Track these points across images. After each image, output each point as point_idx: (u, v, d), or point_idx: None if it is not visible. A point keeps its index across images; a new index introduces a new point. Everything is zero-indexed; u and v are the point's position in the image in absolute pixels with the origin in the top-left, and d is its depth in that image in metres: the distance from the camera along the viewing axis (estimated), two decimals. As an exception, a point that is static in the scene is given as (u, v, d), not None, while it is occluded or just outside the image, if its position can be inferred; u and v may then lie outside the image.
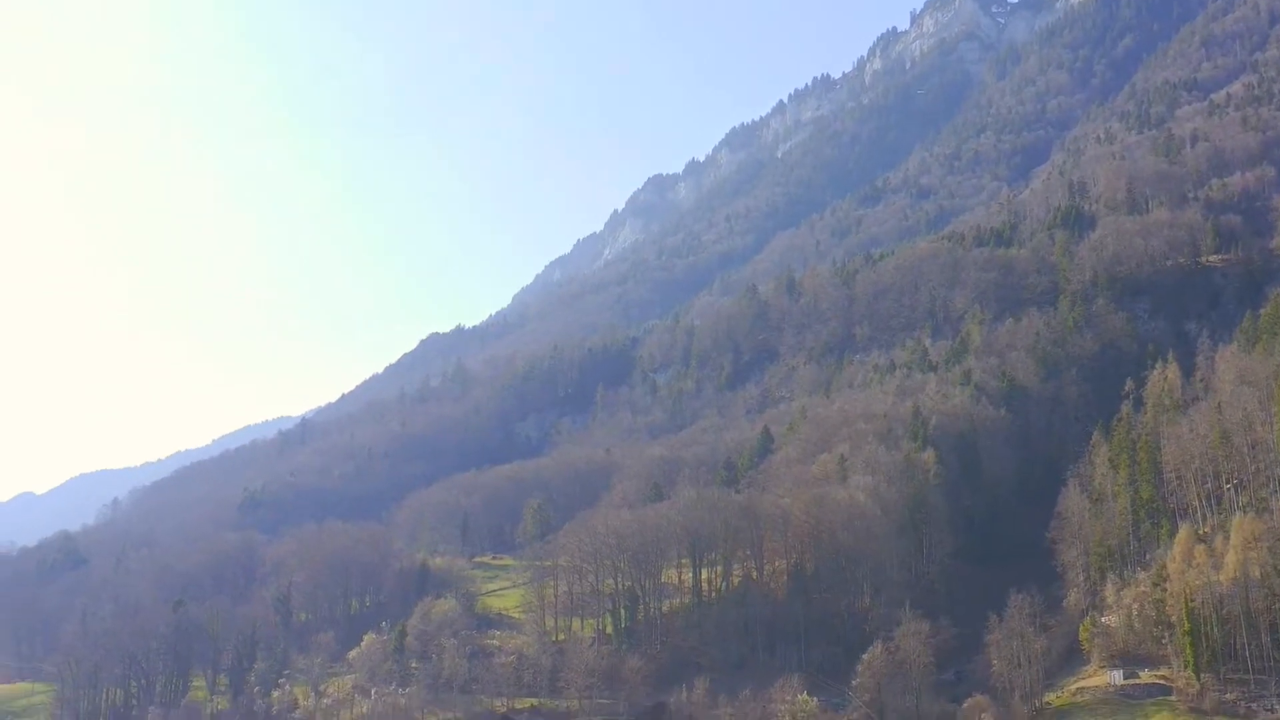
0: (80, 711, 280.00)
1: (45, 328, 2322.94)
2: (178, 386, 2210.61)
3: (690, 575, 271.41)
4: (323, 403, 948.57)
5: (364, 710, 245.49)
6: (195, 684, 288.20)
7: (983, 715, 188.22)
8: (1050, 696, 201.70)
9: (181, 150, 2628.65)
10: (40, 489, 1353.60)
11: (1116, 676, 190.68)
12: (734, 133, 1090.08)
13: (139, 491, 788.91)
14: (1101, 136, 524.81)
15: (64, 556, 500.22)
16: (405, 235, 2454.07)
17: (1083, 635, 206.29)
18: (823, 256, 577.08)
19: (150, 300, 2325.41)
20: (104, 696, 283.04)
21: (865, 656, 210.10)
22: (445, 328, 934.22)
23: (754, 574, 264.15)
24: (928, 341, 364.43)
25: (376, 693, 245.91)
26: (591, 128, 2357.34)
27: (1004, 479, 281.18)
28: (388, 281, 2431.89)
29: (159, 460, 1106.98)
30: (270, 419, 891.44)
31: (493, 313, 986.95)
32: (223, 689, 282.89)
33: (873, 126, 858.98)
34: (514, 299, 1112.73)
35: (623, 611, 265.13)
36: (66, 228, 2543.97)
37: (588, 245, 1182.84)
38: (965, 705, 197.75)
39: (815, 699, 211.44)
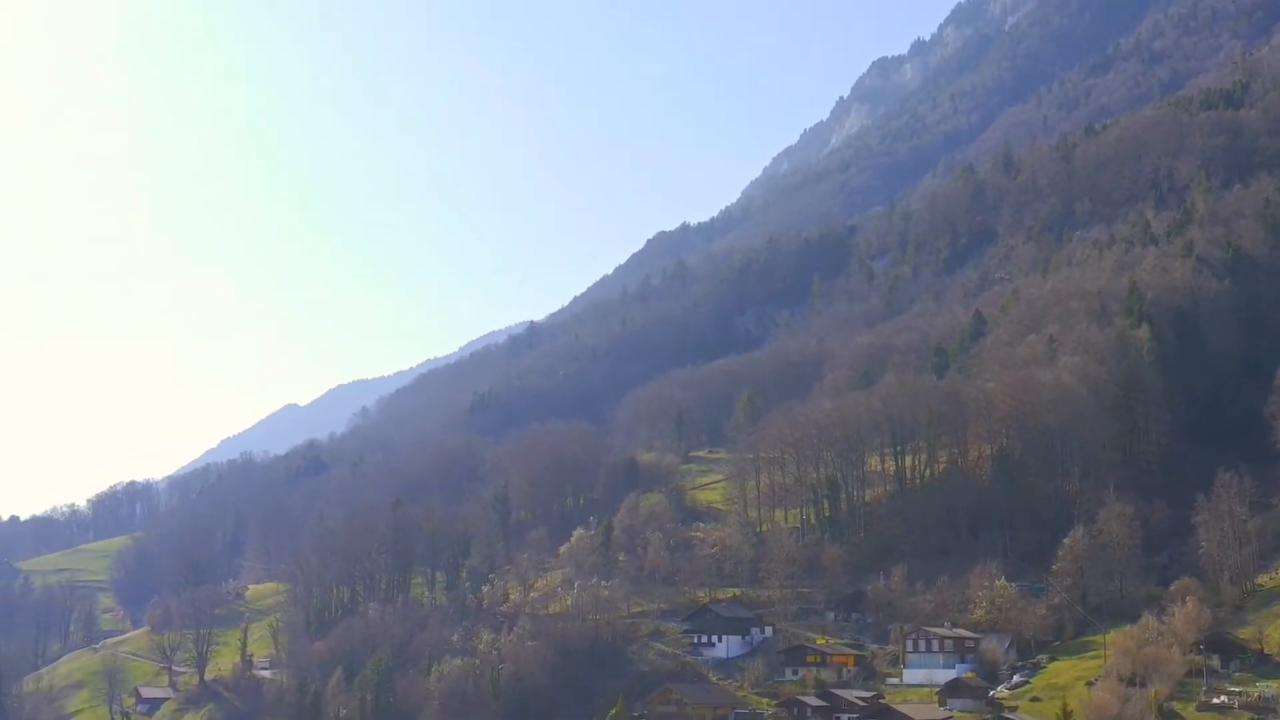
0: (310, 609, 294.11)
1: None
2: (428, 298, 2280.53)
3: (893, 463, 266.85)
4: (556, 307, 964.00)
5: (569, 602, 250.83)
6: (415, 581, 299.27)
7: (1188, 598, 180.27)
8: (1263, 579, 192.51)
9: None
10: (303, 401, 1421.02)
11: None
12: (960, 8, 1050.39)
13: (384, 400, 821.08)
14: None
15: (307, 464, 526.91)
16: (635, 133, 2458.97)
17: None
18: (1050, 131, 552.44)
19: (393, 215, 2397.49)
20: (333, 594, 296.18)
21: (1066, 540, 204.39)
22: (672, 226, 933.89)
23: (958, 460, 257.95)
24: (1150, 214, 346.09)
25: (580, 585, 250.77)
26: (816, 6, 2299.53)
27: (1228, 354, 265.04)
28: (619, 180, 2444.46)
29: (410, 369, 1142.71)
30: (513, 324, 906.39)
31: (723, 208, 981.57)
32: (440, 585, 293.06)
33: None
34: (742, 194, 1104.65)
35: (825, 501, 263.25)
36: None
37: (814, 134, 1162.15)
38: (1171, 588, 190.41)
39: (1014, 585, 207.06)
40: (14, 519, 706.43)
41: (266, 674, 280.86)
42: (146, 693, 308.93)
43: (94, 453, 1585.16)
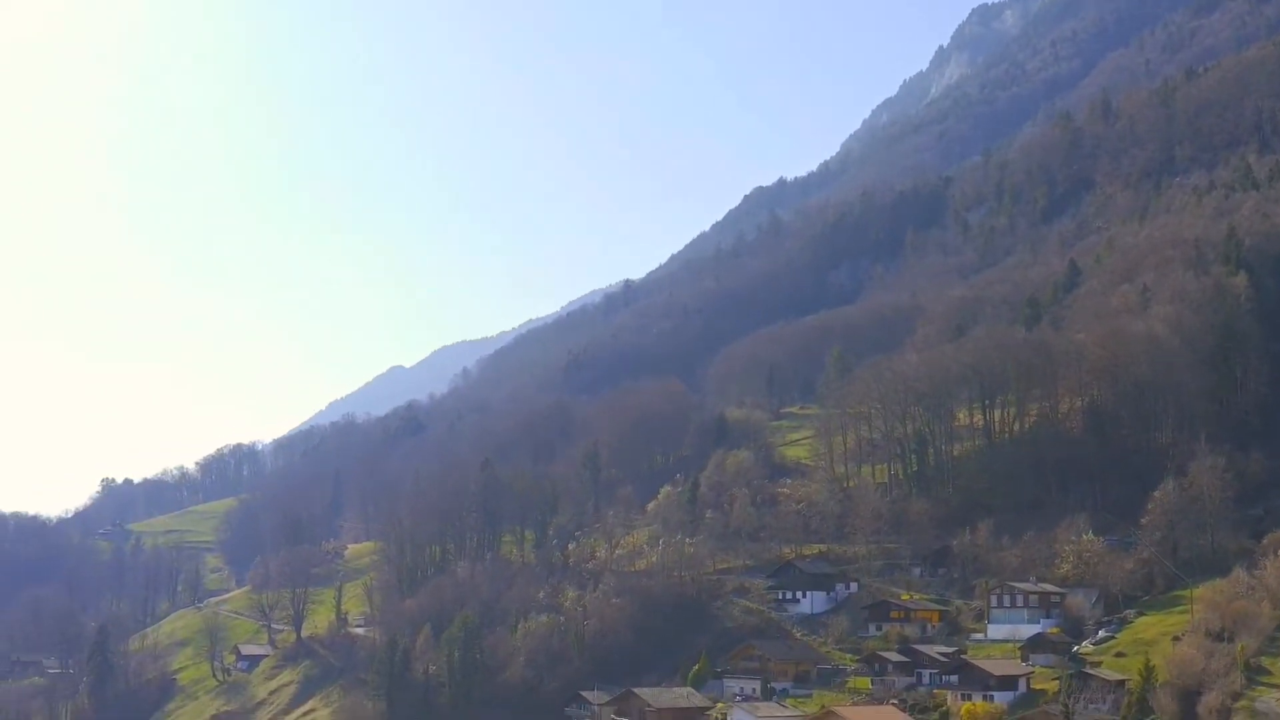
0: (402, 568, 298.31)
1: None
2: (531, 258, 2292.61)
3: (981, 417, 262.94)
4: (654, 265, 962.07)
5: (654, 559, 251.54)
6: (505, 540, 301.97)
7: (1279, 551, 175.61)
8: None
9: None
10: (408, 362, 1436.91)
11: None
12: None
13: (484, 360, 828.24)
14: None
15: (405, 424, 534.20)
16: (736, 88, 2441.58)
17: None
18: (1152, 75, 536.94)
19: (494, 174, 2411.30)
20: (425, 554, 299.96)
21: (1156, 493, 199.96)
22: (769, 181, 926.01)
23: (1048, 413, 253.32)
24: (1251, 158, 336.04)
25: (664, 541, 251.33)
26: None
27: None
28: (720, 137, 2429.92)
29: (512, 329, 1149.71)
30: (613, 283, 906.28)
31: (821, 162, 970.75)
32: (529, 544, 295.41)
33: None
34: (841, 147, 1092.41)
35: (912, 456, 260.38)
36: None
37: (914, 84, 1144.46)
38: (1264, 541, 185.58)
39: (1102, 538, 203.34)
40: (128, 482, 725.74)
41: (360, 631, 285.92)
42: (246, 650, 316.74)
43: (208, 417, 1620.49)
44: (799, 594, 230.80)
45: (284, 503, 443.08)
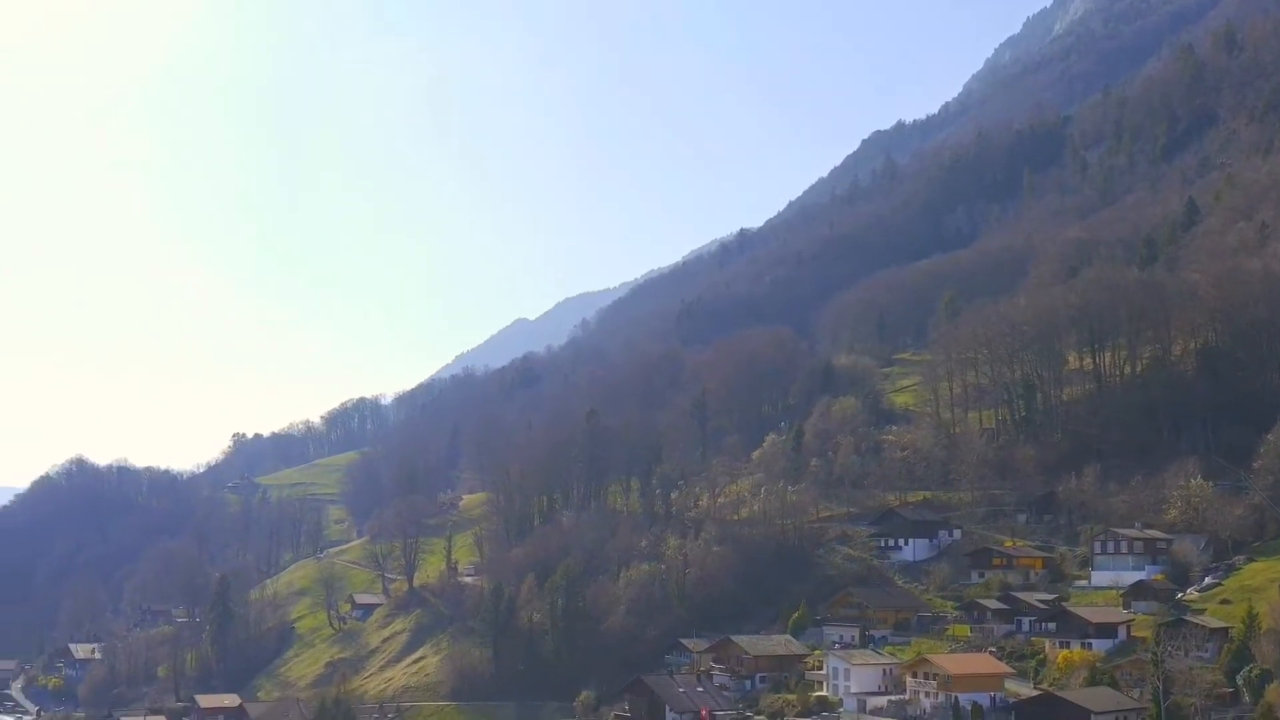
0: (511, 517, 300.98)
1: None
2: (652, 209, 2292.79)
3: (1092, 361, 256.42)
4: (772, 213, 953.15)
5: (756, 507, 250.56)
6: (612, 489, 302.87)
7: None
8: None
9: None
10: (533, 314, 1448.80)
11: None
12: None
13: (603, 311, 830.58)
14: None
15: (521, 376, 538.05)
16: (856, 30, 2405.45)
17: None
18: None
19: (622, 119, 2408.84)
20: (533, 503, 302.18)
21: (1269, 437, 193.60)
22: (887, 125, 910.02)
23: (1160, 356, 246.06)
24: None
25: (766, 490, 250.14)
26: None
27: None
28: (837, 80, 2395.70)
29: (633, 280, 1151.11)
30: (731, 233, 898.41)
31: (942, 104, 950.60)
32: (635, 493, 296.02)
33: None
34: (963, 87, 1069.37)
35: (1019, 401, 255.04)
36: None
37: (1038, 21, 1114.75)
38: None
39: (1212, 483, 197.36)
40: (257, 436, 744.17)
41: (469, 580, 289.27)
42: (361, 599, 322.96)
43: (341, 371, 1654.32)
44: (901, 541, 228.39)
45: (403, 455, 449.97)
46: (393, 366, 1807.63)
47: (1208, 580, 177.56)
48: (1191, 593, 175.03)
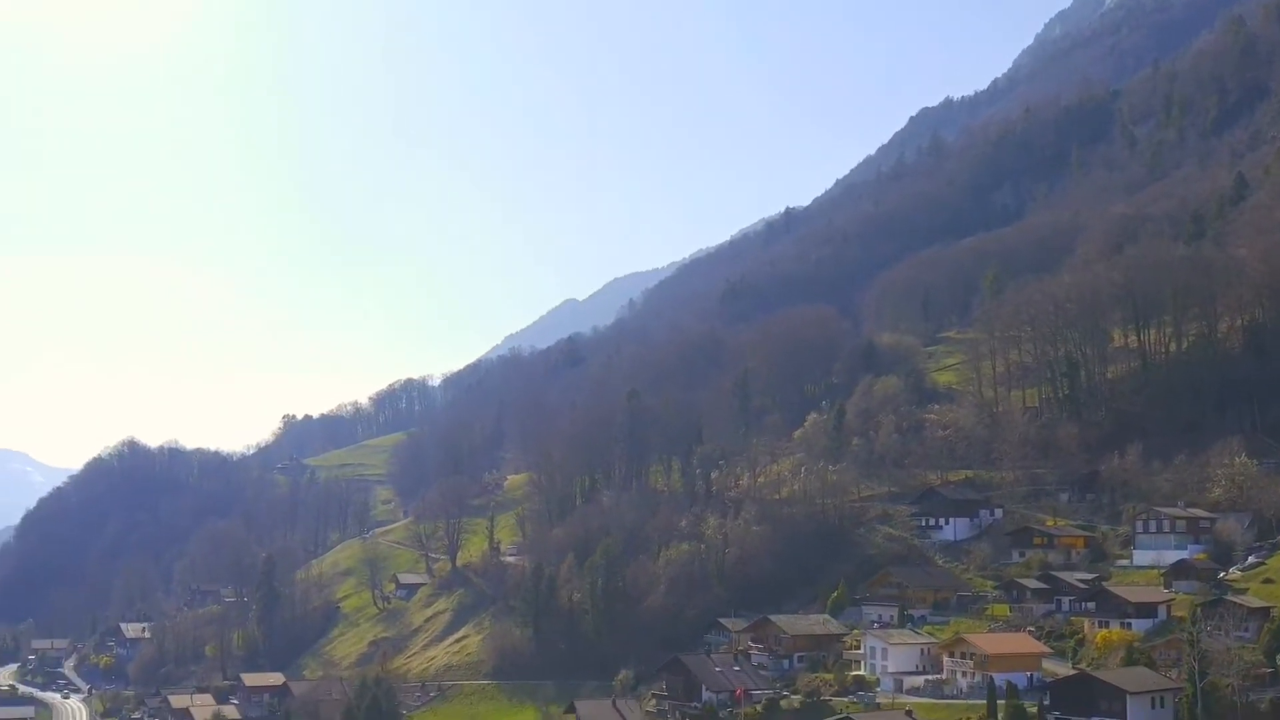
0: (552, 497, 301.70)
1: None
2: (697, 188, 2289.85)
3: (1136, 338, 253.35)
4: (819, 191, 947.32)
5: (796, 487, 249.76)
6: (653, 469, 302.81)
7: None
8: None
9: None
10: (581, 295, 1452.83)
11: None
12: None
13: (649, 291, 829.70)
14: None
15: (566, 357, 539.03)
16: (904, 6, 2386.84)
17: None
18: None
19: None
20: (575, 483, 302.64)
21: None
22: (935, 101, 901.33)
23: (1205, 333, 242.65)
24: None
25: (807, 469, 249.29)
26: None
27: None
28: (887, 57, 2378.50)
29: (681, 260, 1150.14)
30: (778, 211, 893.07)
31: (991, 80, 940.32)
32: (676, 472, 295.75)
33: None
34: (1013, 63, 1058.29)
35: (1063, 379, 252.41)
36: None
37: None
38: None
39: (1257, 462, 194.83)
40: (307, 418, 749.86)
41: (512, 560, 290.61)
42: (405, 579, 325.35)
43: (396, 353, 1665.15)
44: (942, 520, 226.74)
45: (449, 435, 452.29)
46: (443, 349, 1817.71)
47: (1251, 559, 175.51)
48: (1234, 572, 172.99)
